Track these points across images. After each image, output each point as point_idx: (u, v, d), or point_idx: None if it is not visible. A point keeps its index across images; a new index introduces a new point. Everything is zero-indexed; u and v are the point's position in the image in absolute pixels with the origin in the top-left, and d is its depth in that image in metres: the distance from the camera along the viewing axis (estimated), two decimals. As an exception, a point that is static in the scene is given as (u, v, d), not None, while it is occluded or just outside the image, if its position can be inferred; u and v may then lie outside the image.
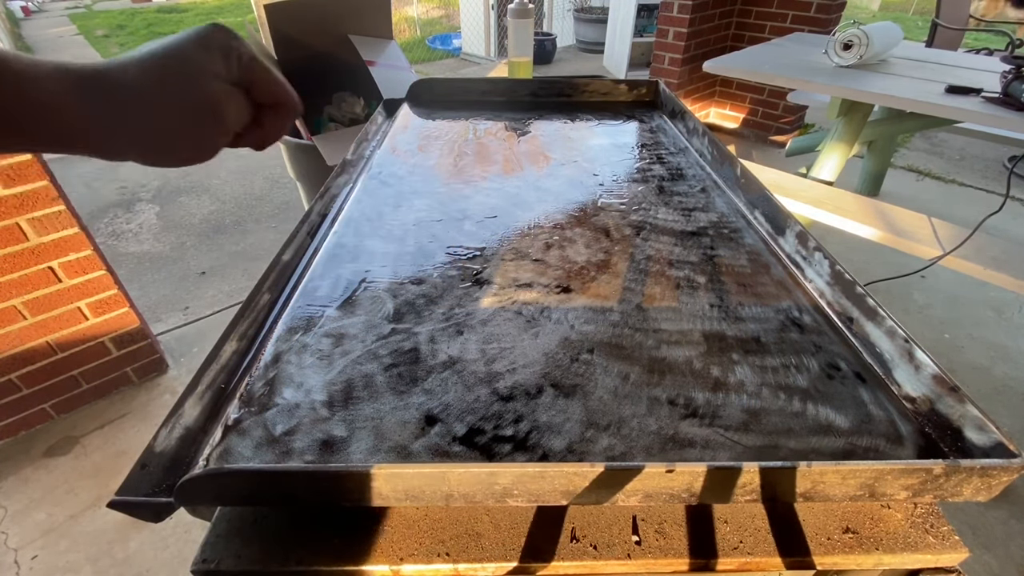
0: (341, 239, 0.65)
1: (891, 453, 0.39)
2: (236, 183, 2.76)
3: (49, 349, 1.38)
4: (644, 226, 0.68)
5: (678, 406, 0.42)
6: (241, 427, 0.40)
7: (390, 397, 0.43)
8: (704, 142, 0.88)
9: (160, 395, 1.56)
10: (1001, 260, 1.38)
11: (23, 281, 1.27)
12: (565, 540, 0.37)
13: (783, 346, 0.49)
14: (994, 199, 2.55)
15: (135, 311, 1.50)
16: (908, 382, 0.44)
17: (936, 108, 1.37)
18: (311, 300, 0.54)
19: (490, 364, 0.46)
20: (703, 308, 0.54)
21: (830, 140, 1.88)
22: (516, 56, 1.68)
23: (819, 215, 1.64)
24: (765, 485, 0.34)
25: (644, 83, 1.12)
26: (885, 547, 0.37)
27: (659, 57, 2.96)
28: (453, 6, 6.57)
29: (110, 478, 1.34)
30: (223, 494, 0.35)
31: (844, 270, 0.52)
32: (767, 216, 0.68)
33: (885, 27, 1.69)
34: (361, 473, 0.33)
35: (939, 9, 2.44)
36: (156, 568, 1.15)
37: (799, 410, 0.42)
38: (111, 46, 6.07)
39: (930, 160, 3.00)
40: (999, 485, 0.34)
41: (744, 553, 0.37)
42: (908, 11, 8.09)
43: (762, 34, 2.92)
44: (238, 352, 0.47)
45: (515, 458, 0.38)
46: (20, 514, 1.25)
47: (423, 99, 1.12)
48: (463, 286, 0.56)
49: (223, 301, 1.94)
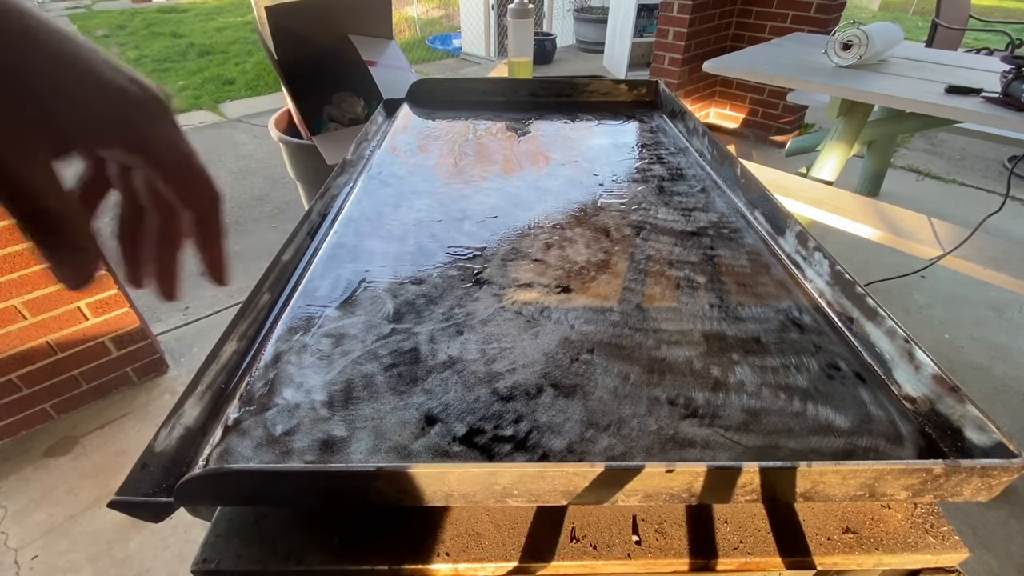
0: (341, 239, 0.65)
1: (891, 453, 0.39)
2: (236, 183, 2.76)
3: (49, 349, 1.38)
4: (644, 226, 0.68)
5: (678, 406, 0.42)
6: (241, 427, 0.40)
7: (390, 397, 0.43)
8: (704, 142, 0.88)
9: (160, 395, 1.56)
10: (1001, 260, 1.38)
11: (23, 281, 1.27)
12: (565, 540, 0.37)
13: (783, 346, 0.49)
14: (994, 199, 2.55)
15: (135, 311, 1.50)
16: (908, 382, 0.44)
17: (936, 108, 1.37)
18: (311, 300, 0.54)
19: (490, 364, 0.46)
20: (703, 308, 0.54)
21: (830, 140, 1.88)
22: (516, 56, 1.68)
23: (819, 215, 1.64)
24: (765, 485, 0.34)
25: (644, 83, 1.12)
26: (885, 547, 0.37)
27: (659, 57, 2.96)
28: (453, 6, 6.57)
29: (110, 478, 1.34)
30: (223, 494, 0.35)
31: (844, 270, 0.52)
32: (767, 216, 0.68)
33: (885, 27, 1.69)
34: (361, 473, 0.33)
35: (939, 9, 2.44)
36: (156, 568, 1.15)
37: (799, 410, 0.42)
38: (111, 46, 6.07)
39: (930, 160, 3.00)
40: (999, 485, 0.34)
41: (744, 553, 0.37)
42: (908, 11, 8.09)
43: (762, 34, 2.92)
44: (238, 352, 0.47)
45: (515, 458, 0.38)
46: (20, 514, 1.25)
47: (423, 99, 1.12)
48: (463, 286, 0.56)
49: (223, 301, 1.94)
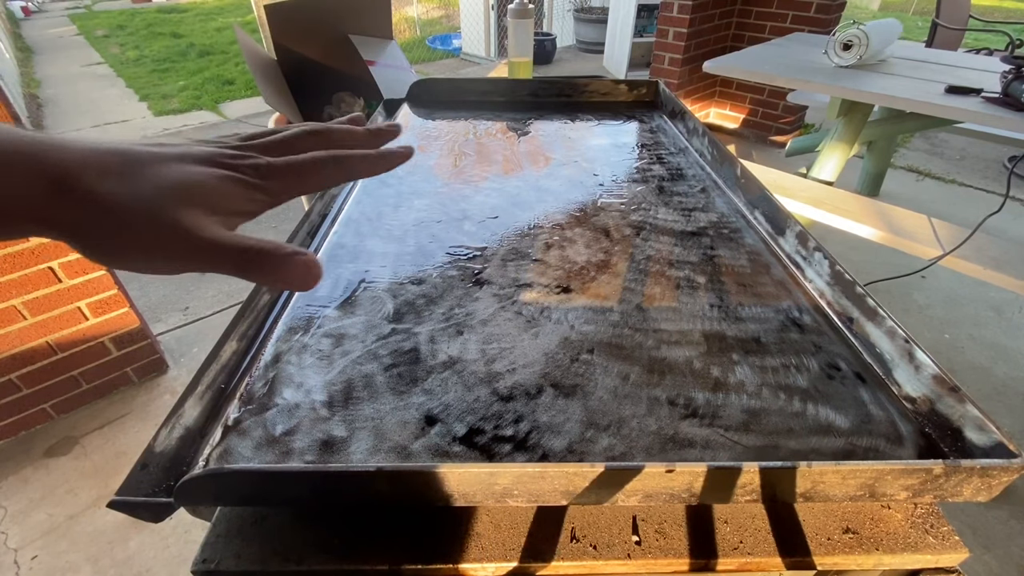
0: (341, 239, 0.65)
1: (891, 453, 0.39)
2: (236, 183, 2.75)
3: (49, 349, 1.38)
4: (644, 226, 0.68)
5: (678, 406, 0.42)
6: (241, 427, 0.40)
7: (390, 397, 0.43)
8: (704, 142, 0.88)
9: (160, 395, 1.56)
10: (1001, 260, 1.38)
11: (23, 281, 1.27)
12: (565, 540, 0.37)
13: (783, 346, 0.49)
14: (994, 199, 2.55)
15: (135, 311, 1.50)
16: (908, 382, 0.44)
17: (936, 108, 1.37)
18: (311, 300, 0.54)
19: (490, 364, 0.46)
20: (703, 308, 0.54)
21: (830, 140, 1.88)
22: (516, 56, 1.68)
23: (819, 215, 1.64)
24: (765, 485, 0.34)
25: (644, 83, 1.12)
26: (885, 547, 0.37)
27: (659, 57, 2.96)
28: (453, 6, 6.57)
29: (110, 478, 1.34)
30: (223, 494, 0.35)
31: (844, 270, 0.52)
32: (767, 216, 0.68)
33: (883, 24, 1.69)
34: (361, 473, 0.33)
35: (939, 9, 2.44)
36: (156, 568, 1.15)
37: (799, 410, 0.42)
38: (111, 46, 6.07)
39: (930, 160, 3.00)
40: (999, 485, 0.34)
41: (744, 553, 0.37)
42: (908, 11, 8.09)
43: (762, 34, 2.92)
44: (238, 352, 0.47)
45: (515, 458, 0.38)
46: (20, 514, 1.25)
47: (423, 99, 1.12)
48: (463, 286, 0.56)
49: (223, 301, 1.94)
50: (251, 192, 0.26)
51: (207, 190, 0.24)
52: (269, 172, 0.26)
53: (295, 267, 0.24)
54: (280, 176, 0.27)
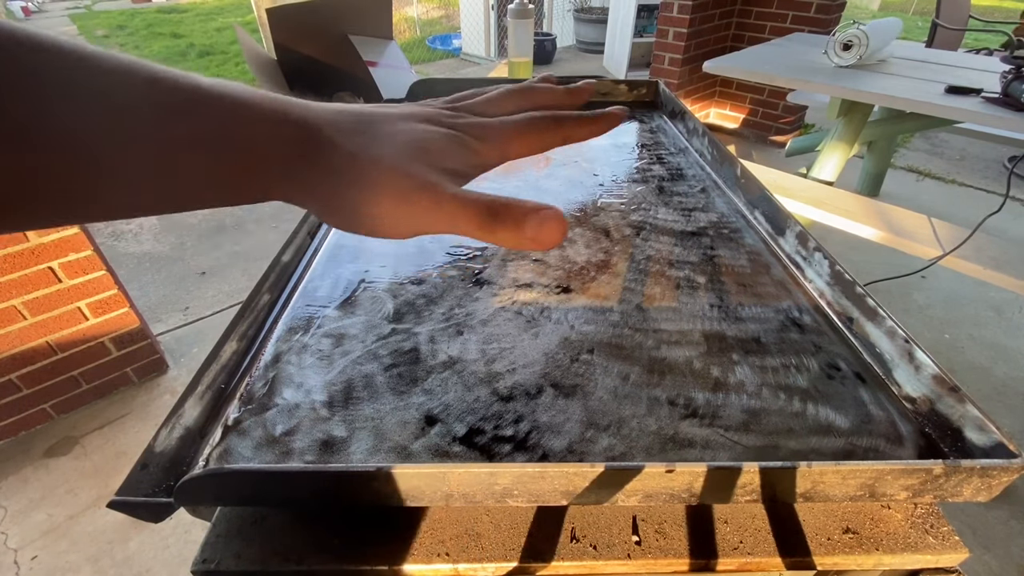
0: (341, 239, 0.65)
1: (891, 453, 0.39)
2: (236, 183, 2.75)
3: (49, 349, 1.38)
4: (644, 226, 0.68)
5: (678, 406, 0.42)
6: (241, 427, 0.40)
7: (390, 397, 0.43)
8: (704, 142, 0.88)
9: (160, 395, 1.56)
10: (1001, 260, 1.38)
11: (23, 281, 1.27)
12: (565, 540, 0.37)
13: (783, 346, 0.49)
14: (994, 199, 2.55)
15: (135, 311, 1.50)
16: (908, 382, 0.44)
17: (936, 108, 1.37)
18: (311, 300, 0.54)
19: (490, 364, 0.46)
20: (703, 308, 0.54)
21: (830, 140, 1.88)
22: (516, 56, 1.68)
23: (819, 215, 1.64)
24: (765, 485, 0.34)
25: (644, 83, 1.12)
26: (885, 547, 0.37)
27: (659, 57, 2.96)
28: (453, 6, 6.57)
29: (110, 478, 1.34)
30: (223, 494, 0.35)
31: (844, 270, 0.52)
32: (767, 216, 0.68)
33: (883, 24, 1.69)
34: (361, 473, 0.33)
35: (939, 9, 2.44)
36: (156, 568, 1.15)
37: (799, 410, 0.42)
38: (111, 46, 6.07)
39: (930, 160, 3.00)
40: (999, 485, 0.34)
41: (744, 553, 0.37)
42: (908, 11, 8.09)
43: (762, 34, 2.92)
44: (238, 352, 0.47)
45: (515, 458, 0.38)
46: (20, 514, 1.25)
47: (423, 99, 1.12)
48: (463, 286, 0.56)
49: (223, 301, 1.94)
50: (469, 154, 0.25)
51: (438, 147, 0.24)
52: (485, 132, 0.26)
53: (544, 220, 0.22)
54: (496, 137, 0.26)
